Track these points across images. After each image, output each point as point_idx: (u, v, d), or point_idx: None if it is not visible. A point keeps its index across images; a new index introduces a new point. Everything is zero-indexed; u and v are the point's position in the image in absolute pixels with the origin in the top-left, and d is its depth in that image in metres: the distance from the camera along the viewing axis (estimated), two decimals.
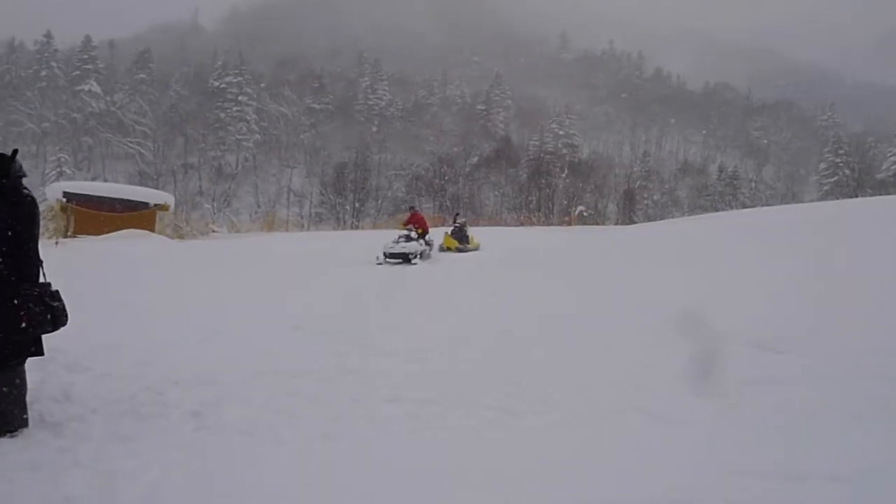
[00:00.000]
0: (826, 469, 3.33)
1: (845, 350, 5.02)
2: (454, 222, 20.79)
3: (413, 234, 15.97)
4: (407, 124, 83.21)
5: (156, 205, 24.26)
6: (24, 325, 3.78)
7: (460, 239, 19.24)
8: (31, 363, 4.39)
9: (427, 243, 16.54)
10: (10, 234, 3.79)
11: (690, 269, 8.98)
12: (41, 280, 4.07)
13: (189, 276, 11.16)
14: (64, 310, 4.06)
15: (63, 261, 11.94)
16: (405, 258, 14.94)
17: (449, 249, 18.84)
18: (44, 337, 4.17)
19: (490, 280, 10.79)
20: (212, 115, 74.35)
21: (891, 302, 6.03)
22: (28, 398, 4.34)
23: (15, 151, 4.01)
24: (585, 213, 53.51)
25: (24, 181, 4.02)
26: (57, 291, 4.09)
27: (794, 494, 3.11)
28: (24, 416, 3.97)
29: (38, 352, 4.05)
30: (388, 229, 28.70)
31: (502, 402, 4.75)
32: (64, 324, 4.09)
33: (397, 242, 15.39)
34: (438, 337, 6.94)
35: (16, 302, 3.77)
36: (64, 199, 22.48)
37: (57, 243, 16.13)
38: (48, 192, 25.06)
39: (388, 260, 14.88)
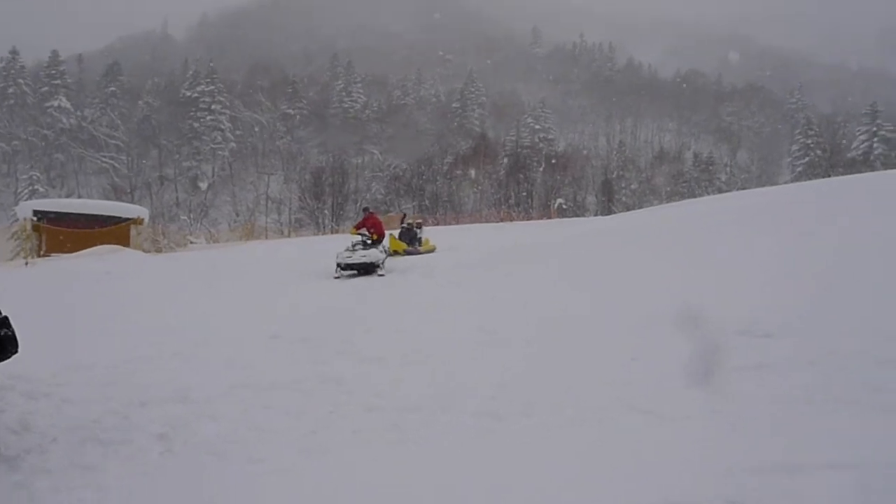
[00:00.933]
0: (824, 458, 3.18)
1: (839, 333, 4.89)
2: (401, 223, 18.97)
3: (367, 240, 13.77)
4: (383, 125, 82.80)
5: (129, 219, 23.77)
6: None
7: (410, 241, 17.53)
8: None
9: (384, 250, 14.36)
10: None
11: (674, 257, 8.85)
12: None
13: (163, 290, 10.85)
14: (13, 337, 3.80)
15: (32, 281, 11.60)
16: (367, 269, 12.90)
17: (396, 253, 16.56)
18: (2, 364, 3.91)
19: (471, 281, 10.59)
20: (185, 125, 73.50)
21: (884, 282, 5.92)
22: None
23: None
24: (565, 206, 53.56)
25: None
26: (6, 318, 3.83)
27: (793, 487, 2.96)
28: None
29: None
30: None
31: (487, 406, 4.56)
32: (14, 352, 3.83)
33: (354, 250, 13.18)
34: (420, 341, 6.73)
35: None
36: (34, 218, 21.96)
37: (27, 263, 15.70)
38: (18, 211, 24.52)
39: (343, 272, 12.85)
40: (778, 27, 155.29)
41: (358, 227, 14.52)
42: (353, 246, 13.45)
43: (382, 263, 13.17)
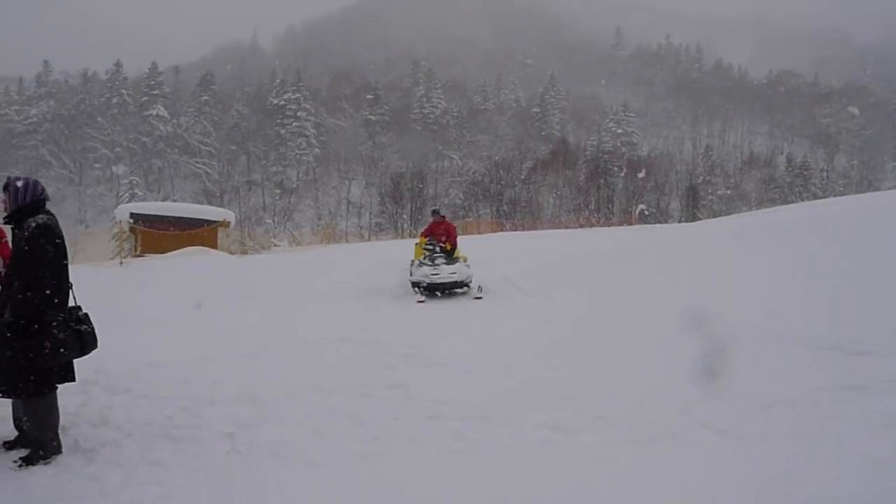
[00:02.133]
0: None
1: None
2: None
3: (438, 250, 11.54)
4: (462, 131, 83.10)
5: (217, 222, 24.80)
6: (47, 351, 3.68)
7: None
8: (74, 386, 4.33)
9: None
10: (22, 260, 3.70)
11: (757, 267, 8.38)
12: (71, 304, 3.99)
13: (242, 291, 11.20)
14: (93, 333, 3.97)
15: (123, 280, 12.23)
16: (455, 287, 10.71)
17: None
18: (89, 358, 4.10)
19: (539, 291, 10.38)
20: (272, 132, 76.24)
21: None
22: (66, 423, 4.29)
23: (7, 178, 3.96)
24: (647, 212, 52.03)
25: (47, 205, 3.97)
26: (86, 315, 4.01)
27: None
28: (57, 443, 3.90)
29: (68, 378, 3.95)
30: None
31: (554, 419, 4.41)
32: (94, 347, 3.99)
33: (436, 265, 10.76)
34: (488, 348, 6.64)
35: (38, 328, 3.68)
36: (131, 220, 23.26)
37: (121, 263, 16.61)
38: (117, 213, 26.01)
39: (423, 292, 10.58)
40: (878, 23, 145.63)
41: (425, 234, 12.50)
42: (433, 260, 11.02)
43: (471, 281, 10.82)
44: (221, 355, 6.40)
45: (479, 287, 10.57)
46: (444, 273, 10.57)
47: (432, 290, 10.56)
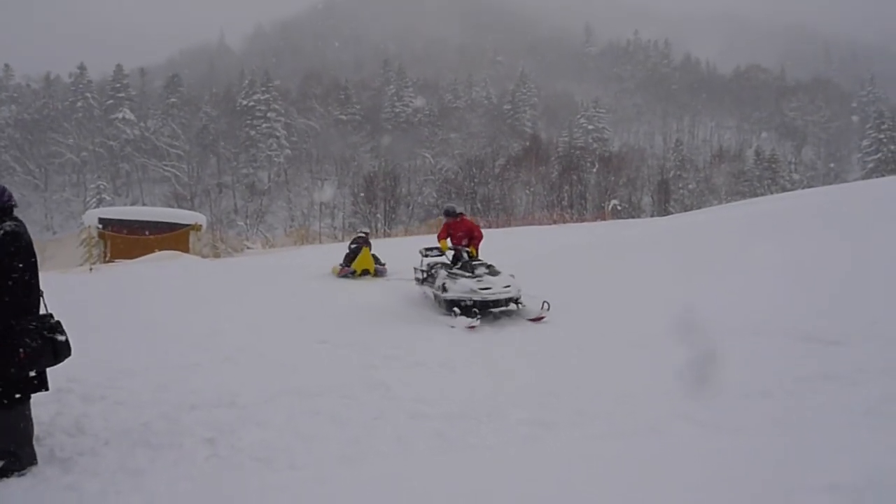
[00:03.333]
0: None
1: None
2: (357, 232, 15.14)
3: (464, 255, 9.41)
4: (434, 129, 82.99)
5: (188, 225, 24.45)
6: (20, 360, 3.59)
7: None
8: (47, 395, 4.23)
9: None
10: None
11: (730, 260, 8.50)
12: (42, 312, 3.90)
13: (217, 295, 11.05)
14: (66, 341, 3.87)
15: (93, 286, 12.00)
16: (507, 305, 8.27)
17: (366, 273, 13.04)
18: (63, 366, 4.00)
19: (526, 285, 10.40)
20: (242, 133, 75.35)
21: None
22: (41, 432, 4.19)
23: None
24: (619, 207, 52.56)
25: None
26: (59, 322, 3.91)
27: None
28: (32, 454, 3.80)
29: (42, 387, 3.86)
30: (419, 235, 28.38)
31: (536, 414, 4.43)
32: (67, 355, 3.90)
33: (476, 275, 8.46)
34: (470, 347, 6.64)
35: (9, 337, 3.58)
36: (99, 226, 22.80)
37: (91, 269, 16.30)
38: (85, 218, 25.48)
39: (468, 313, 8.05)
40: (843, 17, 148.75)
41: (442, 236, 10.15)
42: (473, 270, 8.70)
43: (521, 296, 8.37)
44: (199, 360, 6.30)
45: (546, 304, 7.97)
46: (497, 287, 8.10)
47: (486, 307, 8.09)
